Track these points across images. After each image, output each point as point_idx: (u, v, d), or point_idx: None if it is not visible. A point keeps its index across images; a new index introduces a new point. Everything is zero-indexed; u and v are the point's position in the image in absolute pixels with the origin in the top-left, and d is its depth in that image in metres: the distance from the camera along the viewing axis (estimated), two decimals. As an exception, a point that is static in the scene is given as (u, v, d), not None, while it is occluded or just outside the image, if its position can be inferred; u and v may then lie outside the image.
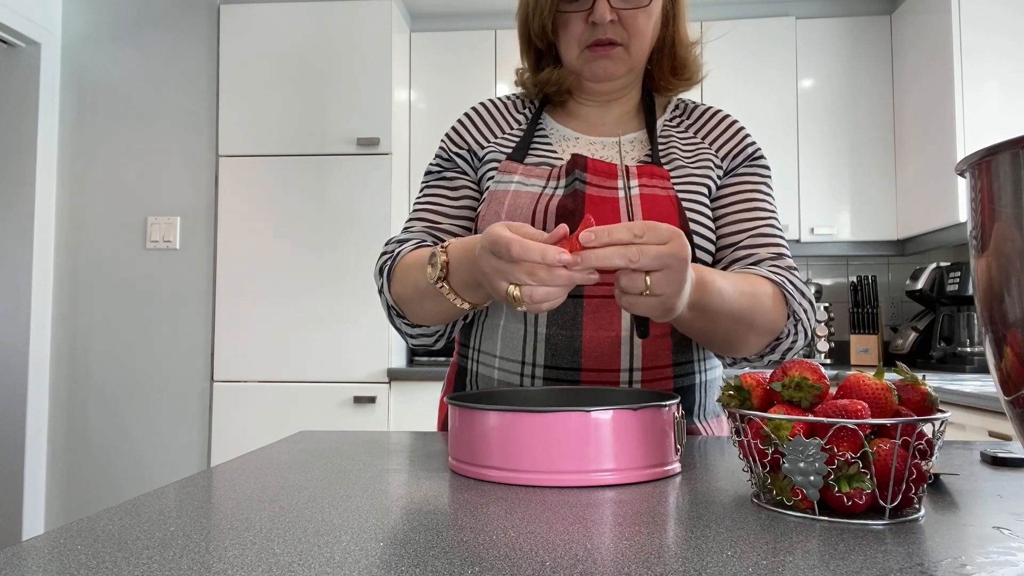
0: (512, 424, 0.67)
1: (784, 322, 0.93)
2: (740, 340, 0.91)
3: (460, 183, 1.08)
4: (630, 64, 1.03)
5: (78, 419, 2.99)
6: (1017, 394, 0.45)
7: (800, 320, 0.94)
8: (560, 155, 1.05)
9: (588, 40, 1.01)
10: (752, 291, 0.88)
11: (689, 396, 1.01)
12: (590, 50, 1.01)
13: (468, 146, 1.08)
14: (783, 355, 0.97)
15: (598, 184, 0.97)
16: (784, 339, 0.95)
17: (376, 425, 2.84)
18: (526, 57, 1.11)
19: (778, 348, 0.96)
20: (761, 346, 0.94)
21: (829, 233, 3.09)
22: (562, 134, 1.08)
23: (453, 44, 3.22)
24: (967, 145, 2.62)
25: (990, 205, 0.45)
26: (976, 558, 0.46)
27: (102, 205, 3.05)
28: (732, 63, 3.13)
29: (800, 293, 0.94)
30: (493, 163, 1.05)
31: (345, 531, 0.52)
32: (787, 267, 0.98)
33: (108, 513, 0.57)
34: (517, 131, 1.09)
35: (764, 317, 0.89)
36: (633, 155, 1.06)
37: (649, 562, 0.45)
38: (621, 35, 1.00)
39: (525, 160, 1.04)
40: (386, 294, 1.00)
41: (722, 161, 1.05)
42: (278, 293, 2.91)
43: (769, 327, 0.91)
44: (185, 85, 3.04)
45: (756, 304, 0.88)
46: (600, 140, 1.07)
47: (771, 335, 0.93)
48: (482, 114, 1.11)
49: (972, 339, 2.86)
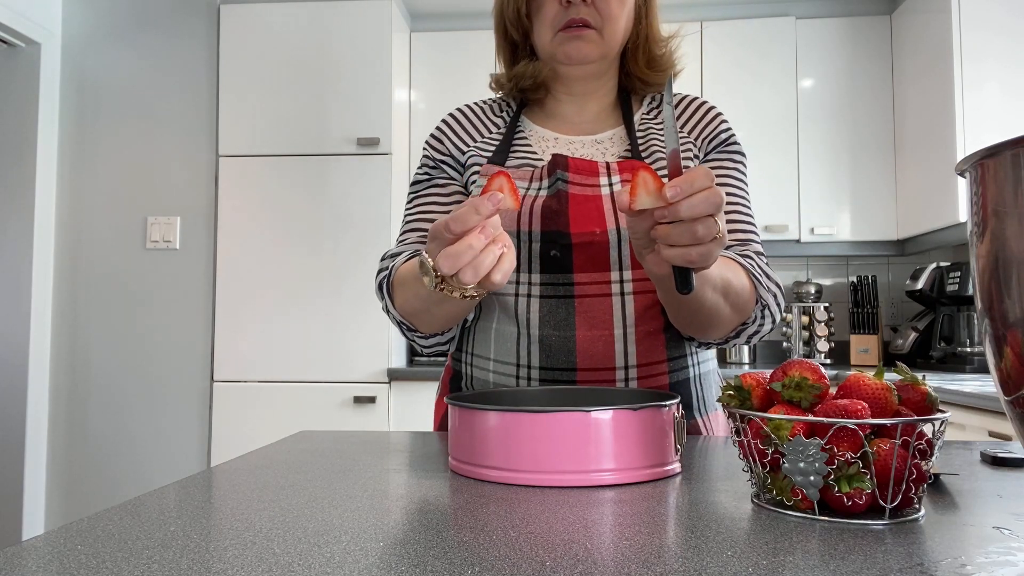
0: (512, 424, 0.67)
1: (753, 301, 0.93)
2: (718, 318, 0.90)
3: (452, 188, 1.07)
4: (603, 49, 1.04)
5: (78, 419, 2.99)
6: (1017, 394, 0.45)
7: (767, 306, 0.95)
8: (540, 156, 1.05)
9: (562, 22, 1.01)
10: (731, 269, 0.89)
11: (685, 390, 1.02)
12: (564, 31, 1.02)
13: (450, 152, 1.08)
14: (748, 339, 0.98)
15: (580, 183, 0.97)
16: (750, 324, 0.95)
17: (376, 425, 2.84)
18: (501, 52, 1.12)
19: (744, 332, 0.96)
20: (731, 327, 0.94)
21: (829, 233, 3.09)
22: (541, 135, 1.08)
23: (453, 44, 3.22)
24: (967, 145, 2.62)
25: (990, 205, 0.45)
26: (976, 558, 0.46)
27: (102, 205, 3.05)
28: (732, 63, 3.13)
29: (767, 277, 0.95)
30: (475, 167, 1.05)
31: (345, 531, 0.52)
32: (755, 252, 0.99)
33: (108, 513, 0.57)
34: (496, 134, 1.09)
35: (739, 297, 0.90)
36: (613, 151, 1.06)
37: (649, 562, 0.45)
38: (594, 17, 1.01)
39: (506, 163, 1.04)
40: (392, 312, 0.99)
41: (700, 148, 1.06)
42: (278, 293, 2.91)
43: (742, 307, 0.92)
44: (185, 85, 3.04)
45: (735, 281, 0.89)
46: (579, 139, 1.07)
47: (742, 316, 0.93)
48: (460, 120, 1.11)
49: (972, 339, 2.86)
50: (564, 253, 0.95)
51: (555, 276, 0.96)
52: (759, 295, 0.94)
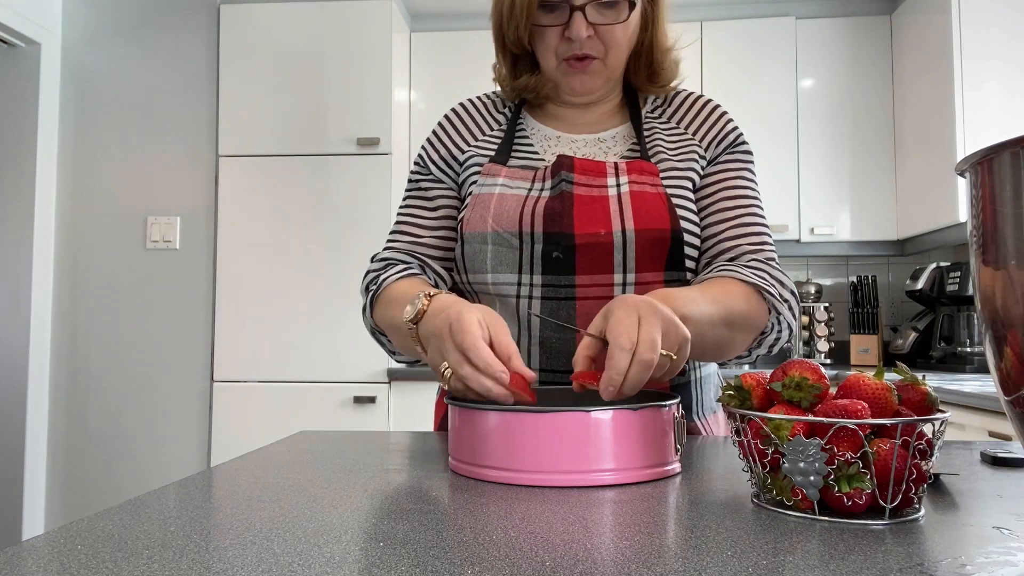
0: (512, 424, 0.67)
1: (765, 316, 0.93)
2: (730, 346, 0.92)
3: (435, 194, 1.07)
4: (607, 75, 1.03)
5: (78, 419, 2.99)
6: (1017, 394, 0.45)
7: (781, 314, 0.94)
8: (542, 155, 1.04)
9: (565, 53, 1.00)
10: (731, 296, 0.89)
11: (686, 394, 1.01)
12: (567, 63, 1.01)
13: (449, 151, 1.08)
14: (769, 348, 0.98)
15: (586, 183, 0.97)
16: (769, 333, 0.95)
17: (376, 425, 2.84)
18: (502, 61, 1.10)
19: (764, 342, 0.96)
20: (745, 346, 0.95)
21: (829, 233, 3.09)
22: (543, 133, 1.08)
23: (453, 44, 3.22)
24: (967, 145, 2.62)
25: (990, 205, 0.45)
26: (976, 558, 0.46)
27: (102, 205, 3.05)
28: (732, 63, 3.13)
29: (780, 285, 0.95)
30: (475, 167, 1.04)
31: (345, 531, 0.52)
32: (767, 259, 0.98)
33: (108, 513, 0.57)
34: (498, 132, 1.08)
35: (743, 317, 0.90)
36: (616, 150, 1.05)
37: (649, 562, 0.45)
38: (598, 49, 1.00)
39: (508, 162, 1.03)
40: (368, 318, 1.02)
41: (706, 151, 1.04)
42: (278, 293, 2.91)
43: (751, 324, 0.92)
44: (185, 85, 3.04)
45: (733, 306, 0.89)
46: (582, 137, 1.06)
47: (755, 331, 0.93)
48: (461, 116, 1.11)
49: (972, 339, 2.86)
50: (566, 255, 0.95)
51: (557, 278, 0.96)
52: (772, 305, 0.93)
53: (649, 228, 0.94)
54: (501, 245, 0.97)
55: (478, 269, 0.99)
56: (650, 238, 0.94)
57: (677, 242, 0.96)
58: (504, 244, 0.97)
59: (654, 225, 0.94)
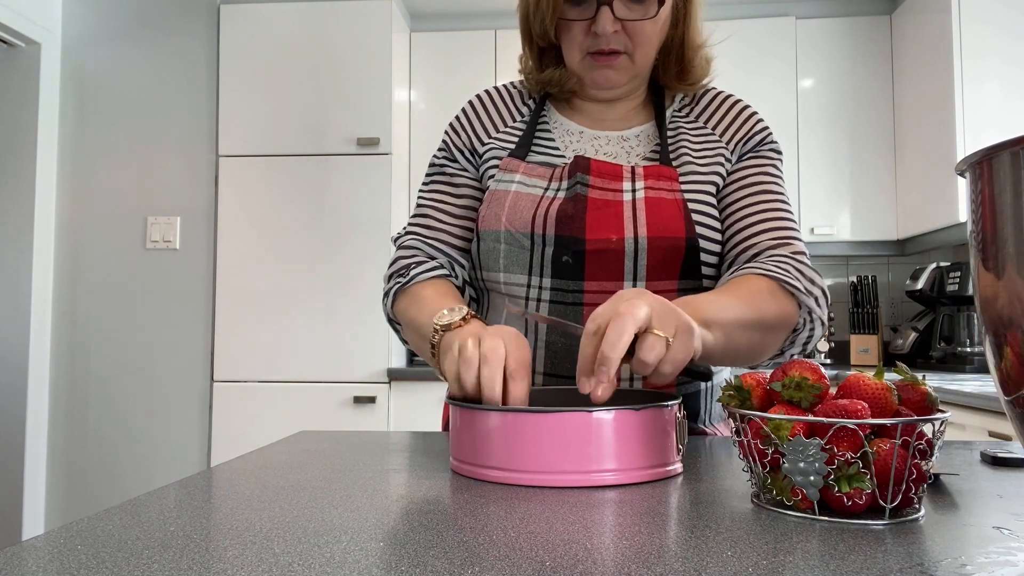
0: (514, 424, 0.67)
1: (795, 312, 0.90)
2: (761, 348, 0.88)
3: (461, 181, 1.06)
4: (634, 72, 1.01)
5: (78, 419, 2.99)
6: (1017, 394, 0.45)
7: (812, 310, 0.90)
8: (563, 152, 1.03)
9: (591, 48, 0.98)
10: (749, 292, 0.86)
11: (695, 402, 1.00)
12: (592, 58, 0.98)
13: (470, 141, 1.06)
14: (803, 346, 0.94)
15: (601, 187, 0.95)
16: (802, 330, 0.91)
17: (376, 425, 2.84)
18: (528, 53, 1.08)
19: (797, 340, 0.92)
20: (778, 346, 0.91)
21: (829, 233, 3.09)
22: (566, 128, 1.06)
23: (453, 44, 3.22)
24: (967, 145, 2.62)
25: (990, 205, 0.45)
26: (976, 558, 0.46)
27: (102, 205, 3.05)
28: (732, 63, 3.13)
29: (808, 281, 0.90)
30: (494, 160, 1.03)
31: (345, 531, 0.52)
32: (794, 253, 0.93)
33: (108, 513, 0.57)
34: (520, 123, 1.06)
35: (771, 313, 0.86)
36: (639, 150, 1.03)
37: (649, 562, 0.45)
38: (625, 44, 0.97)
39: (527, 158, 1.02)
40: (388, 307, 1.02)
41: (732, 152, 1.02)
42: (278, 293, 2.91)
43: (782, 321, 0.88)
44: (185, 85, 3.04)
45: (760, 304, 0.86)
46: (605, 135, 1.04)
47: (786, 329, 0.90)
48: (486, 104, 1.09)
49: (972, 339, 2.86)
50: (576, 260, 0.93)
51: (565, 282, 0.95)
52: (800, 301, 0.89)
53: (663, 236, 0.92)
54: (513, 245, 0.96)
55: (491, 267, 0.99)
56: (663, 246, 0.93)
57: (692, 250, 0.94)
58: (516, 244, 0.96)
59: (668, 233, 0.93)
